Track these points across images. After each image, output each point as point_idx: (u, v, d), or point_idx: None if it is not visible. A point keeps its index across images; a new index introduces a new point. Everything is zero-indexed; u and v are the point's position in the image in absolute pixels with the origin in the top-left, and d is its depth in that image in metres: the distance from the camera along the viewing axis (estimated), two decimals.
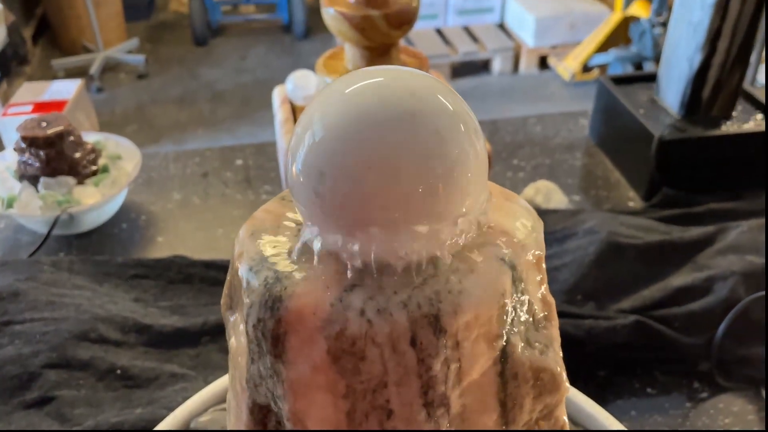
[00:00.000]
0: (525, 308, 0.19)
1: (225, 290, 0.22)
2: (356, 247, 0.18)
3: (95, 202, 0.59)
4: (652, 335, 0.48)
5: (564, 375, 0.20)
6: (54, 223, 0.57)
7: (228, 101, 2.20)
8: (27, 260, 0.54)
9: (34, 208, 0.58)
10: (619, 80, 0.73)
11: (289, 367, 0.18)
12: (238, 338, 0.21)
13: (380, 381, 0.18)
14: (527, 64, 2.23)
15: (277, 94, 0.69)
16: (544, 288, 0.20)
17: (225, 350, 0.47)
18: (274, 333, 0.18)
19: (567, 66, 2.16)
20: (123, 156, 0.65)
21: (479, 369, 0.19)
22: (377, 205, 0.17)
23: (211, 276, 0.55)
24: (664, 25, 2.02)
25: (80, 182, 0.61)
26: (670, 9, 2.06)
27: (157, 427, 0.35)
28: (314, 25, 2.59)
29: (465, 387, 0.19)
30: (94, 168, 0.62)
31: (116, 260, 0.55)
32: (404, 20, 0.56)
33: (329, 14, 0.56)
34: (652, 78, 0.72)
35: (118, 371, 0.44)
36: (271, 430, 0.21)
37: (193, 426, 0.36)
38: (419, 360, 0.18)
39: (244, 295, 0.19)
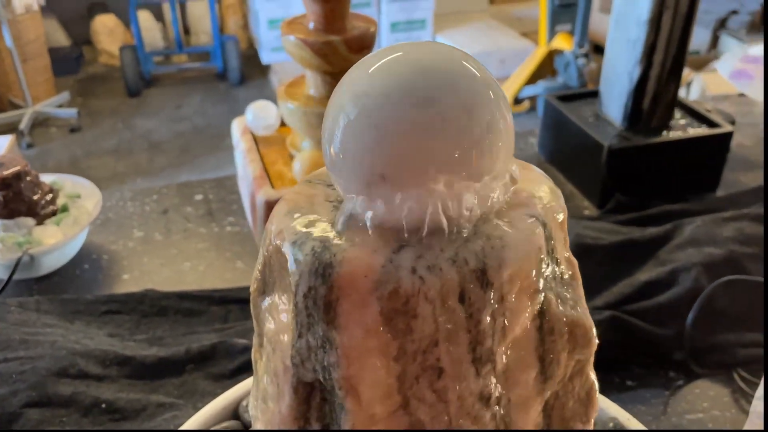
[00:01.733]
0: (555, 266, 0.20)
1: (256, 276, 0.22)
2: (403, 211, 0.18)
3: (57, 242, 0.58)
4: (626, 329, 0.50)
5: (594, 331, 0.21)
6: (16, 265, 0.55)
7: (166, 150, 2.17)
8: None
9: None
10: (564, 98, 0.77)
11: (342, 333, 0.19)
12: (277, 319, 0.21)
13: (431, 339, 0.19)
14: None
15: (237, 126, 0.69)
16: (567, 249, 0.21)
17: (211, 377, 0.46)
18: (326, 299, 0.18)
19: None
20: (82, 195, 0.63)
21: (521, 323, 0.20)
22: (418, 170, 0.18)
23: (185, 307, 0.54)
24: (586, 56, 2.13)
25: (39, 223, 0.59)
26: (589, 42, 2.19)
27: None
28: (249, 72, 2.61)
29: (508, 342, 0.20)
30: (53, 208, 0.61)
31: (85, 297, 0.53)
32: (363, 45, 0.58)
33: (290, 41, 0.58)
34: (594, 94, 0.76)
35: (103, 405, 0.42)
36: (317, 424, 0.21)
37: None
38: (468, 315, 0.19)
39: (290, 269, 0.19)
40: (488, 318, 0.19)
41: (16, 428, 0.40)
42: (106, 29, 2.72)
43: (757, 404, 0.41)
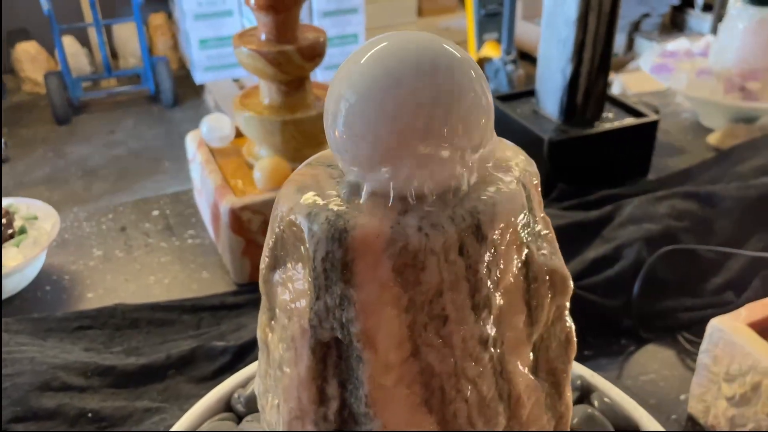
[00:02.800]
0: (534, 223, 0.23)
1: (266, 255, 0.24)
2: (402, 180, 0.21)
3: (18, 264, 0.57)
4: (579, 303, 0.54)
5: (570, 280, 0.25)
6: None
7: (102, 177, 2.12)
8: None
9: None
10: (503, 98, 0.81)
11: (359, 290, 0.21)
12: (292, 288, 0.23)
13: (437, 290, 0.21)
14: None
15: (192, 139, 0.70)
16: (542, 210, 0.24)
17: (193, 380, 0.47)
18: (343, 261, 0.21)
19: None
20: (39, 216, 0.63)
21: (511, 272, 0.22)
22: (413, 144, 0.21)
23: (157, 318, 0.55)
24: (514, 62, 2.22)
25: None
26: (516, 49, 2.27)
27: None
28: (182, 93, 2.58)
29: (501, 290, 0.22)
30: (9, 231, 0.60)
31: (55, 315, 0.53)
32: (316, 53, 0.61)
33: (244, 53, 0.60)
34: (529, 94, 0.81)
35: (89, 414, 0.43)
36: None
37: None
38: (467, 266, 0.21)
39: (307, 238, 0.21)
40: (484, 268, 0.22)
41: None
42: (29, 56, 2.64)
43: (703, 357, 0.45)
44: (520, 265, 0.23)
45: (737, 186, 0.63)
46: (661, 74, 0.86)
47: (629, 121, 0.75)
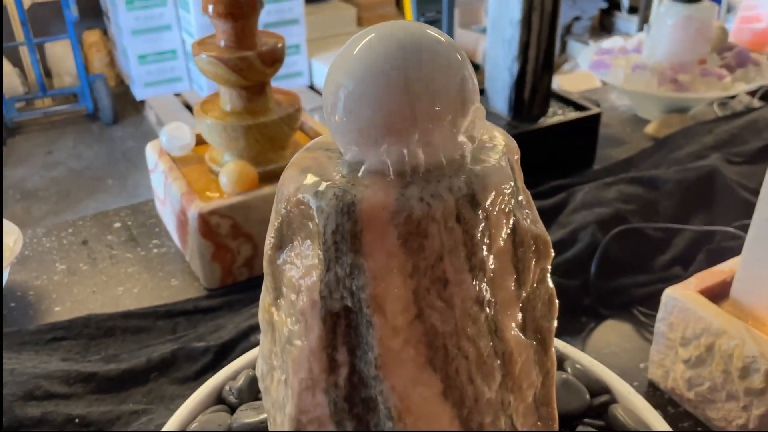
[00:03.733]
0: (517, 192, 0.26)
1: (271, 236, 0.26)
2: (401, 156, 0.23)
3: None
4: None
5: (551, 244, 0.27)
6: None
7: (43, 198, 2.06)
8: None
9: None
10: None
11: (369, 259, 0.23)
12: (301, 264, 0.25)
13: (438, 255, 0.23)
14: None
15: (152, 150, 0.71)
16: (522, 182, 0.27)
17: (176, 381, 0.48)
18: (353, 232, 0.23)
19: None
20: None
21: (501, 237, 0.25)
22: (409, 123, 0.23)
23: (132, 325, 0.55)
24: None
25: None
26: None
27: None
28: (122, 110, 2.54)
29: (493, 254, 0.25)
30: None
31: (27, 329, 0.53)
32: (276, 58, 0.62)
33: (204, 60, 0.61)
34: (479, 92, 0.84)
35: (76, 420, 0.43)
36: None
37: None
38: (464, 232, 0.23)
39: (316, 214, 0.23)
40: (479, 234, 0.24)
41: None
42: None
43: (659, 325, 0.49)
44: (508, 231, 0.25)
45: (676, 170, 0.68)
46: (599, 70, 0.91)
47: (574, 114, 0.79)
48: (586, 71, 0.99)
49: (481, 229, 0.24)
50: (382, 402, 0.25)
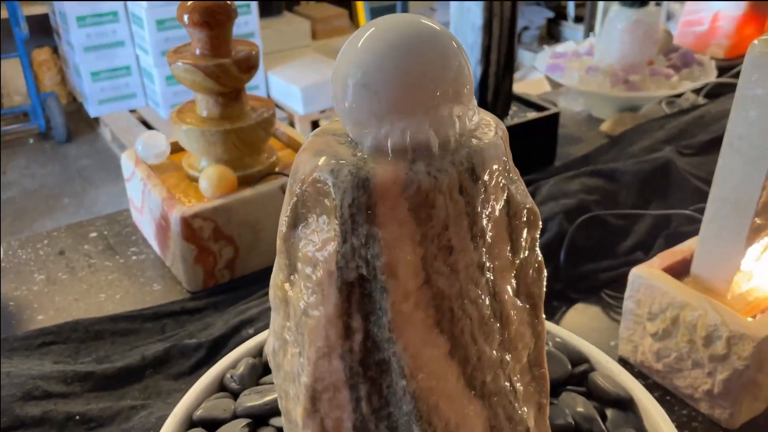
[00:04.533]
0: (509, 168, 0.29)
1: (286, 215, 0.28)
2: (406, 135, 0.25)
3: None
4: None
5: (539, 215, 0.30)
6: None
7: None
8: None
9: None
10: None
11: (382, 228, 0.25)
12: (317, 239, 0.27)
13: (444, 224, 0.26)
14: (302, 129, 2.39)
15: (128, 158, 0.71)
16: (511, 160, 0.30)
17: (171, 377, 0.49)
18: (367, 205, 0.25)
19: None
20: None
21: (497, 208, 0.27)
22: (412, 106, 0.26)
23: (120, 327, 0.56)
24: None
25: None
26: None
27: (163, 429, 0.37)
28: (75, 127, 2.50)
29: (491, 223, 0.27)
30: None
31: (15, 335, 0.53)
32: (251, 65, 0.64)
33: (180, 68, 0.62)
34: None
35: (77, 417, 0.43)
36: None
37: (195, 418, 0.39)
38: (466, 203, 0.26)
39: (333, 190, 0.25)
40: (479, 204, 0.26)
41: None
42: None
43: (627, 303, 0.53)
44: (503, 202, 0.28)
45: (633, 162, 0.72)
46: (555, 73, 0.96)
47: (534, 114, 0.83)
48: (537, 78, 1.04)
49: (480, 200, 0.26)
50: (395, 362, 0.27)
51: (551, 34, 3.18)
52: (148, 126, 2.34)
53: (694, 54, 0.96)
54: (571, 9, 3.09)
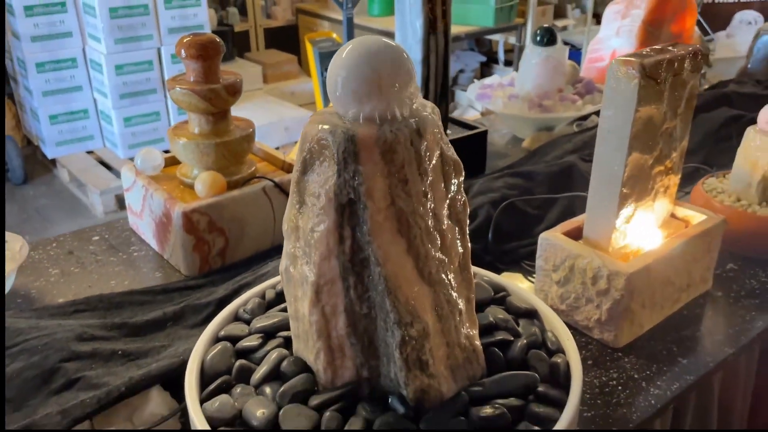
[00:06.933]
0: (442, 133, 0.44)
1: (299, 166, 0.43)
2: (374, 111, 0.41)
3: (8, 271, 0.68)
4: None
5: (461, 164, 0.46)
6: None
7: None
8: None
9: None
10: None
11: (363, 166, 0.40)
12: (321, 177, 0.42)
13: (401, 164, 0.41)
14: None
15: (128, 171, 0.85)
16: (442, 132, 0.46)
17: (188, 327, 0.62)
18: (354, 151, 0.40)
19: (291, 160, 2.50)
20: (7, 239, 0.74)
21: (435, 157, 0.43)
22: (378, 94, 0.41)
23: (137, 299, 0.68)
24: None
25: None
26: None
27: (196, 347, 0.51)
28: (31, 169, 2.57)
29: (431, 167, 0.43)
30: None
31: (52, 304, 0.65)
32: (236, 89, 0.79)
33: (179, 92, 0.77)
34: None
35: (120, 352, 0.56)
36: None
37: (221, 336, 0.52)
38: (415, 151, 0.42)
39: (332, 143, 0.41)
40: (423, 153, 0.42)
41: (59, 378, 0.53)
42: None
43: (538, 261, 0.69)
44: (438, 154, 0.43)
45: (546, 165, 0.90)
46: (483, 100, 1.14)
47: (468, 132, 1.00)
48: (472, 115, 1.22)
49: (424, 150, 0.42)
50: (372, 255, 0.42)
51: (484, 76, 3.44)
52: (107, 166, 2.44)
53: (595, 84, 1.16)
54: (501, 54, 3.37)
